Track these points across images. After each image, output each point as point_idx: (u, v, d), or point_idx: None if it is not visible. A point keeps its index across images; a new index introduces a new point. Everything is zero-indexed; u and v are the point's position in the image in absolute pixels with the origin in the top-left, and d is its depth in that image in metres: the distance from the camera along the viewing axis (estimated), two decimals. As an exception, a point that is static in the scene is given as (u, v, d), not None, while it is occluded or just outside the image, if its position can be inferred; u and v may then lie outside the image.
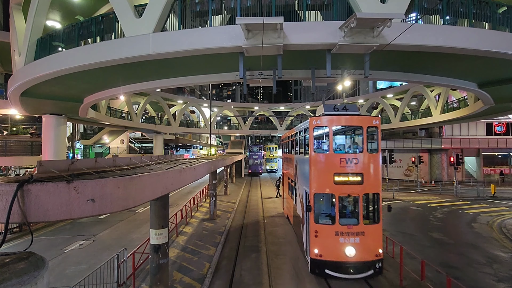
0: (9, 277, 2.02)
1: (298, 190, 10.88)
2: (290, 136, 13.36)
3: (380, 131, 8.68)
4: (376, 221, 8.52)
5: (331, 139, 8.54)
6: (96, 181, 3.54)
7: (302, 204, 9.93)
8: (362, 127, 8.47)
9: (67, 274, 8.74)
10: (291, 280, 8.50)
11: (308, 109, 41.79)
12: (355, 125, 9.12)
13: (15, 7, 13.77)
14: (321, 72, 10.41)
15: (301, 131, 10.48)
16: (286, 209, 15.91)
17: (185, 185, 7.58)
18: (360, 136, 8.85)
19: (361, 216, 8.30)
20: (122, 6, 9.18)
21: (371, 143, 8.90)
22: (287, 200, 14.95)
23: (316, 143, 10.46)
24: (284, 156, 16.73)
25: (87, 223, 14.75)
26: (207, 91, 66.25)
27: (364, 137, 8.36)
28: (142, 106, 31.14)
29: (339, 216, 8.30)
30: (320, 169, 8.59)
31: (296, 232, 11.83)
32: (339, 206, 8.36)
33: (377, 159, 8.57)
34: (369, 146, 8.55)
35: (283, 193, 17.12)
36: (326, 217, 8.76)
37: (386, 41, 7.91)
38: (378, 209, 8.52)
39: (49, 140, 17.57)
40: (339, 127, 10.19)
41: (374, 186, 8.44)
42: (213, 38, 8.54)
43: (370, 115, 21.72)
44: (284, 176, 16.78)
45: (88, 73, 10.62)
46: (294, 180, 11.95)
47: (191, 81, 12.42)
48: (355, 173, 8.29)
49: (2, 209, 2.94)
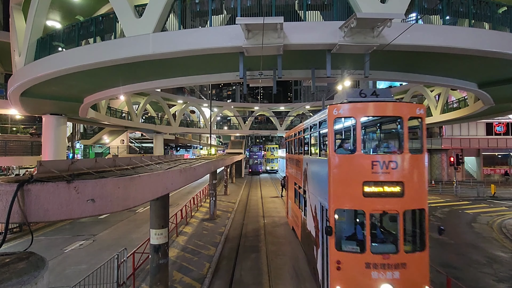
0: (9, 277, 2.02)
1: (309, 200, 8.68)
2: (297, 133, 11.22)
3: (425, 123, 6.54)
4: (421, 247, 6.16)
5: (359, 134, 6.22)
6: (96, 181, 3.55)
7: (315, 220, 7.87)
8: (401, 118, 6.28)
9: (67, 274, 8.74)
10: (291, 280, 8.50)
11: (308, 109, 41.80)
12: (392, 116, 6.72)
13: (15, 7, 13.78)
14: (321, 72, 10.41)
15: (313, 126, 8.36)
16: (291, 218, 13.48)
17: (185, 185, 7.58)
18: (397, 131, 6.61)
19: (402, 242, 5.93)
20: (122, 6, 9.18)
21: (413, 140, 6.98)
22: (293, 209, 12.63)
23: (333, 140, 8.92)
24: (289, 156, 14.45)
25: (87, 223, 14.75)
26: (207, 91, 66.27)
27: (404, 132, 6.24)
28: (142, 106, 31.15)
29: (370, 241, 5.97)
30: (343, 176, 6.25)
31: (306, 252, 9.61)
32: (370, 227, 6.01)
33: (422, 162, 6.32)
34: (409, 144, 6.52)
35: (287, 198, 14.92)
36: (352, 241, 6.43)
37: (386, 41, 7.91)
38: (423, 231, 6.19)
39: (49, 140, 17.58)
40: (369, 118, 7.76)
41: (419, 199, 6.16)
42: (213, 38, 8.54)
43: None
44: (289, 179, 14.41)
45: (88, 73, 10.62)
46: (303, 187, 9.71)
47: (191, 81, 12.42)
48: (393, 181, 6.04)
49: (2, 209, 2.94)
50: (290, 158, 13.76)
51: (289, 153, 14.24)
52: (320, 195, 7.25)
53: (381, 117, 7.47)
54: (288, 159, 14.83)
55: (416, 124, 6.62)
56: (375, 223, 6.91)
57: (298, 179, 10.87)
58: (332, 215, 6.17)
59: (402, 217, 5.95)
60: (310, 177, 8.71)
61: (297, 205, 11.34)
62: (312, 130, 8.61)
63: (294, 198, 12.27)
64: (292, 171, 13.12)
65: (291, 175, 13.52)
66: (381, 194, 6.02)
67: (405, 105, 6.65)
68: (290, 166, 13.75)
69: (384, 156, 6.38)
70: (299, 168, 10.78)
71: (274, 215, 16.98)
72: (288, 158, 15.03)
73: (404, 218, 6.05)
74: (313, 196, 8.22)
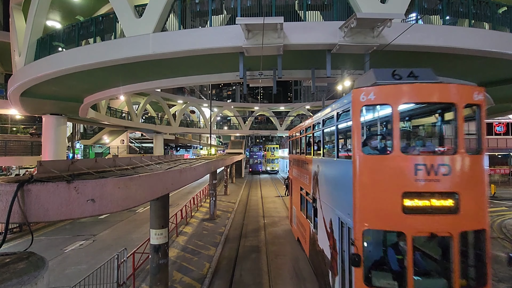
0: (9, 277, 2.02)
1: (322, 211, 6.96)
2: (304, 130, 9.37)
3: (484, 113, 4.81)
4: (481, 283, 4.52)
5: (397, 128, 4.56)
6: (96, 181, 3.55)
7: (330, 238, 6.32)
8: (455, 105, 4.60)
9: (67, 274, 8.74)
10: (291, 280, 8.50)
11: (308, 109, 41.80)
12: (442, 102, 4.97)
13: (15, 7, 13.79)
14: (321, 72, 10.41)
15: (328, 119, 6.61)
16: (296, 228, 11.61)
17: (185, 185, 7.58)
18: (449, 123, 5.11)
19: (457, 276, 4.30)
20: (122, 6, 9.19)
21: (468, 136, 5.01)
22: (299, 217, 10.87)
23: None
24: (293, 157, 12.50)
25: (87, 223, 14.75)
26: (207, 91, 66.28)
27: (459, 124, 4.61)
28: (142, 106, 31.16)
29: (413, 273, 4.32)
30: (375, 184, 4.62)
31: (317, 275, 8.02)
32: (413, 254, 4.36)
33: (481, 165, 4.66)
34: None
35: (291, 203, 13.13)
36: (386, 272, 4.74)
37: (386, 41, 7.91)
38: (484, 260, 4.54)
39: (49, 140, 17.59)
40: (409, 106, 5.69)
41: (478, 217, 4.51)
42: (213, 38, 8.55)
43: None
44: (293, 182, 12.65)
45: (88, 73, 10.62)
46: (312, 194, 8.02)
47: (191, 81, 12.43)
48: (445, 192, 4.41)
49: (2, 209, 2.94)
50: (295, 159, 11.87)
51: (294, 154, 12.45)
52: (338, 207, 5.68)
53: (426, 105, 5.60)
54: (293, 160, 12.77)
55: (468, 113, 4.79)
56: (417, 248, 5.18)
57: (306, 184, 9.18)
58: (359, 238, 4.50)
59: (457, 241, 4.32)
60: (323, 183, 7.03)
61: (304, 214, 9.71)
62: (325, 125, 6.82)
63: (299, 205, 10.52)
64: (297, 173, 11.25)
65: (296, 178, 11.60)
66: (428, 210, 4.38)
67: (460, 88, 4.79)
68: (295, 168, 11.80)
69: (433, 157, 4.58)
70: (306, 171, 9.14)
71: (274, 215, 16.98)
72: (292, 159, 13.01)
73: (460, 243, 4.40)
74: (327, 206, 6.52)
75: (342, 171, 5.42)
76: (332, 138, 7.09)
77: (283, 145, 63.50)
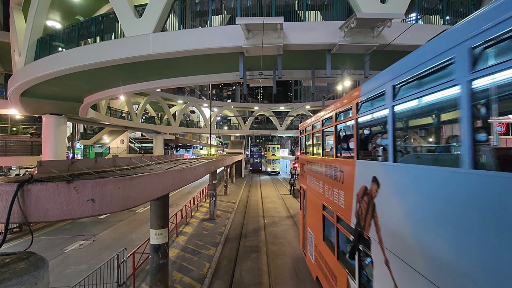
0: (9, 277, 2.02)
1: (388, 269, 3.48)
2: (334, 116, 5.66)
3: None
4: None
5: None
6: (96, 181, 3.55)
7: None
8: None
9: (67, 274, 8.74)
10: (291, 280, 8.50)
11: (308, 109, 41.80)
12: None
13: (15, 7, 13.79)
14: (321, 72, 10.41)
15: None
16: (315, 263, 7.73)
17: (185, 185, 7.58)
18: None
19: None
20: (122, 6, 9.19)
21: None
22: (321, 250, 7.06)
23: None
24: (309, 160, 8.42)
25: (87, 223, 14.75)
26: (207, 91, 66.28)
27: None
28: (142, 106, 31.16)
29: None
30: None
31: None
32: None
33: None
34: None
35: (304, 223, 9.32)
36: None
37: (386, 41, 7.91)
38: None
39: (49, 140, 17.57)
40: None
41: None
42: (213, 38, 8.55)
43: None
44: (307, 196, 8.74)
45: (88, 73, 10.63)
46: (358, 228, 4.50)
47: (191, 81, 12.43)
48: None
49: (2, 209, 2.94)
50: (312, 162, 7.97)
51: (309, 154, 8.62)
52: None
53: None
54: (307, 163, 8.72)
55: None
56: None
57: (337, 204, 5.58)
58: None
59: None
60: (395, 217, 3.39)
61: (332, 251, 6.02)
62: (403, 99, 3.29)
63: (321, 231, 6.96)
64: (316, 183, 7.46)
65: (313, 190, 7.78)
66: None
67: None
68: (312, 176, 7.92)
69: None
70: (338, 182, 5.49)
71: (274, 215, 16.98)
72: (306, 162, 8.93)
73: None
74: (405, 269, 3.06)
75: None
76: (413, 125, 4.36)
77: (283, 145, 63.50)
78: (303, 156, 9.62)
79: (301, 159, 10.42)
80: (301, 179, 10.25)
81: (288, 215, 16.97)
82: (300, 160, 10.64)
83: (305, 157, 9.15)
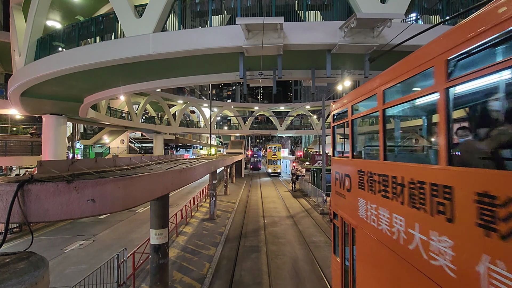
0: (9, 277, 2.02)
1: None
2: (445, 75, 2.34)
3: None
4: None
5: None
6: (96, 181, 3.55)
7: None
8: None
9: (67, 274, 8.74)
10: (291, 280, 8.50)
11: (308, 109, 41.80)
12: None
13: (15, 7, 13.79)
14: (321, 72, 10.42)
15: None
16: None
17: (185, 185, 7.58)
18: None
19: None
20: (122, 6, 9.19)
21: None
22: None
23: None
24: (363, 166, 4.13)
25: (87, 223, 14.75)
26: (207, 91, 66.29)
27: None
28: (142, 106, 31.16)
29: None
30: None
31: None
32: None
33: None
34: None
35: (342, 271, 5.27)
36: None
37: (386, 41, 7.91)
38: None
39: (49, 140, 17.58)
40: None
41: None
42: (213, 38, 8.55)
43: None
44: (356, 235, 4.41)
45: (88, 73, 10.63)
46: None
47: (191, 81, 12.43)
48: None
49: (2, 209, 2.94)
50: (367, 171, 3.94)
51: (354, 156, 4.72)
52: None
53: None
54: (355, 171, 4.43)
55: None
56: None
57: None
58: None
59: None
60: None
61: None
62: None
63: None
64: (374, 211, 3.68)
65: (365, 224, 4.03)
66: None
67: None
68: (365, 197, 3.99)
69: None
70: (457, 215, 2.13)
71: (274, 215, 16.97)
72: (355, 169, 4.43)
73: None
74: None
75: None
76: None
77: (283, 144, 63.55)
78: (340, 160, 5.33)
79: (333, 163, 5.72)
80: (339, 202, 5.34)
81: (288, 215, 16.97)
82: (333, 164, 5.75)
83: (359, 163, 4.39)
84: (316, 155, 38.71)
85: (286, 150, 59.11)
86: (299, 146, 69.21)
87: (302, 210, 18.41)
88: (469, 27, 2.37)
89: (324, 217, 16.23)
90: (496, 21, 2.09)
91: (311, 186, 23.95)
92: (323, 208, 18.07)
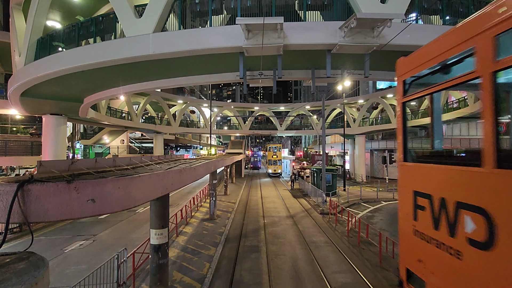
0: (9, 277, 2.02)
1: None
2: None
3: None
4: None
5: None
6: (96, 181, 3.55)
7: None
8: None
9: (67, 274, 8.74)
10: (291, 280, 8.50)
11: (308, 109, 41.79)
12: None
13: (15, 7, 13.79)
14: (321, 72, 10.42)
15: None
16: None
17: (185, 185, 7.58)
18: None
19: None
20: (122, 6, 9.19)
21: None
22: None
23: None
24: None
25: (87, 223, 14.75)
26: (207, 91, 66.28)
27: None
28: (142, 106, 31.15)
29: None
30: None
31: None
32: None
33: None
34: None
35: None
36: None
37: (386, 41, 7.91)
38: None
39: (49, 140, 17.57)
40: None
41: None
42: (213, 38, 8.55)
43: None
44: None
45: (88, 73, 10.63)
46: None
47: (191, 81, 12.43)
48: None
49: (2, 209, 2.94)
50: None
51: None
52: None
53: None
54: None
55: None
56: None
57: None
58: None
59: None
60: None
61: None
62: None
63: None
64: None
65: None
66: None
67: None
68: None
69: None
70: None
71: (274, 215, 16.97)
72: None
73: None
74: None
75: None
76: None
77: (283, 144, 63.56)
78: (477, 174, 2.47)
79: (428, 178, 3.18)
80: (429, 259, 2.94)
81: (288, 215, 16.97)
82: (418, 183, 3.34)
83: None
84: (316, 155, 38.76)
85: (286, 150, 59.41)
86: (299, 146, 69.26)
87: (302, 210, 18.41)
88: None
89: (324, 217, 16.23)
90: None
91: (311, 186, 23.96)
92: (323, 208, 18.07)
